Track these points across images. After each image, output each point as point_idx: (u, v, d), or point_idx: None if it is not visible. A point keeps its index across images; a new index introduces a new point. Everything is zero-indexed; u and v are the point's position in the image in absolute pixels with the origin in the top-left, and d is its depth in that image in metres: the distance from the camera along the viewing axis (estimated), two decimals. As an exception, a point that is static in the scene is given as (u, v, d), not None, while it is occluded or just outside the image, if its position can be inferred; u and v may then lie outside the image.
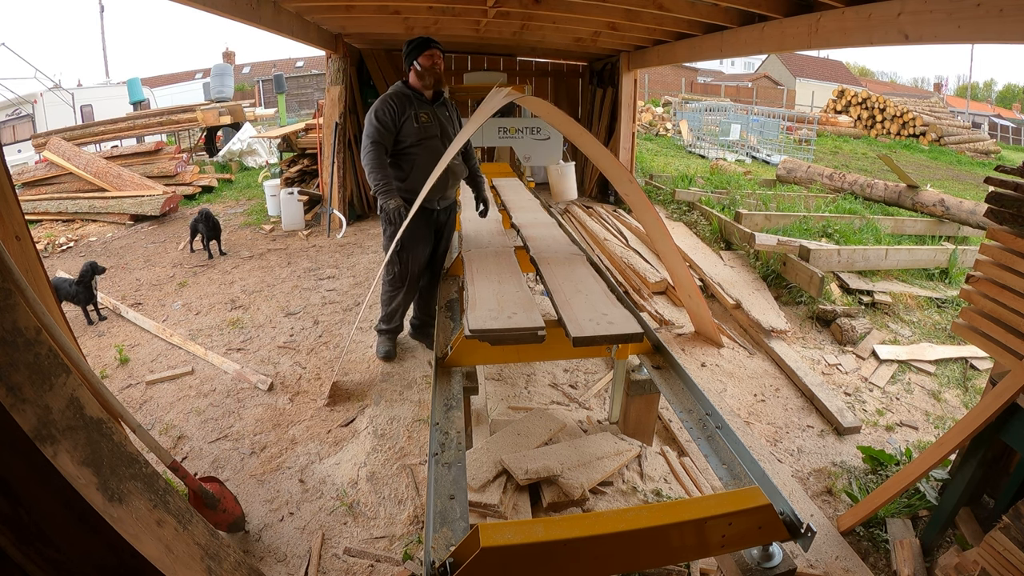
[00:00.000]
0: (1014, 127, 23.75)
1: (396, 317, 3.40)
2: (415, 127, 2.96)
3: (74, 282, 4.08)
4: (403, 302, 3.32)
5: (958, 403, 3.29)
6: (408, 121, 2.95)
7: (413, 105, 2.97)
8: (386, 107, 2.93)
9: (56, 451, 1.10)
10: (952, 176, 11.73)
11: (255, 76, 28.09)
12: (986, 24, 2.40)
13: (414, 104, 2.98)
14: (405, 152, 3.00)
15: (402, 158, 3.02)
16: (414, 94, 3.01)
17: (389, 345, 3.47)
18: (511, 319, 1.70)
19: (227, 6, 3.58)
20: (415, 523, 2.23)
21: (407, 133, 2.96)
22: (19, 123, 12.59)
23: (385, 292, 3.32)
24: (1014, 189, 2.07)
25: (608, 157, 2.97)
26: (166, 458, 1.92)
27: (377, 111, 2.92)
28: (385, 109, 2.93)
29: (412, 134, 2.96)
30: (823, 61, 35.34)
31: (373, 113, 2.92)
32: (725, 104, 16.43)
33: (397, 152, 3.00)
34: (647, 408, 2.39)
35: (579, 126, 2.79)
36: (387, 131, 2.92)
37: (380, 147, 2.91)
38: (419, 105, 2.99)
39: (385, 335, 3.46)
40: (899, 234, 5.63)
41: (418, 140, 2.96)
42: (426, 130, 2.98)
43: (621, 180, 3.12)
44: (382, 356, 3.45)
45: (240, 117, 11.84)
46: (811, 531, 1.29)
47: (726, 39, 4.60)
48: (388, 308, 3.34)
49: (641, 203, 3.16)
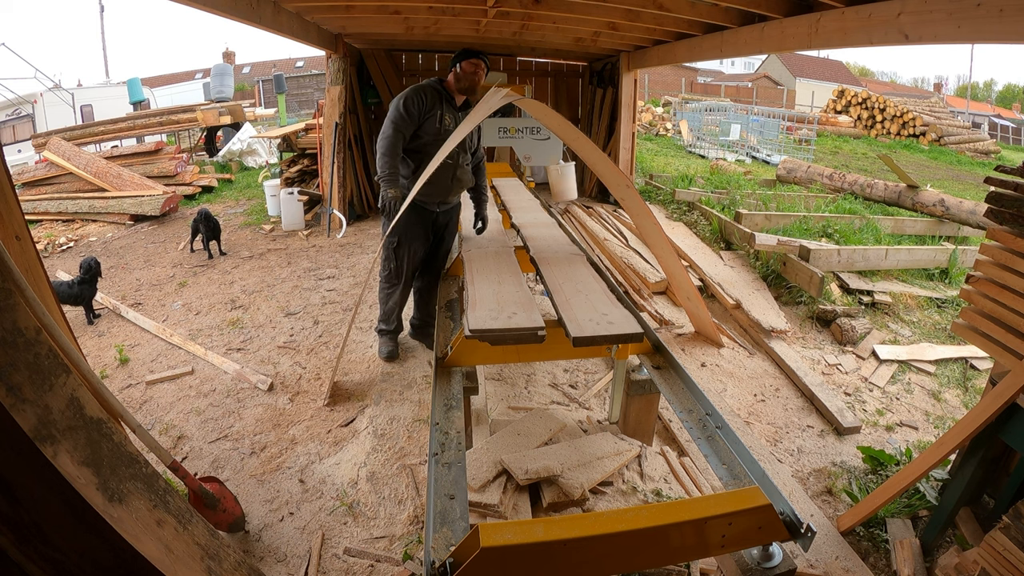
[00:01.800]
0: (1014, 127, 23.76)
1: (393, 317, 3.40)
2: (436, 127, 2.97)
3: (76, 281, 4.07)
4: (399, 300, 3.33)
5: (958, 403, 3.29)
6: (431, 119, 2.96)
7: (441, 104, 2.98)
8: (416, 98, 2.92)
9: (56, 451, 1.10)
10: (952, 176, 11.73)
11: (255, 76, 28.09)
12: (986, 24, 2.40)
13: (442, 104, 2.99)
14: (419, 148, 3.00)
15: (414, 154, 3.01)
16: (446, 94, 3.02)
17: (391, 345, 3.47)
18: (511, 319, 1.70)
19: (227, 6, 3.58)
20: (415, 523, 2.23)
21: (427, 130, 2.96)
22: (19, 123, 12.59)
23: (382, 290, 3.32)
24: (1014, 189, 2.07)
25: (605, 162, 2.95)
26: (166, 458, 1.92)
27: (407, 99, 2.92)
28: (414, 99, 2.92)
29: (431, 132, 2.97)
30: (823, 61, 35.35)
31: (402, 100, 2.92)
32: (725, 104, 16.42)
33: (412, 147, 3.00)
34: (647, 408, 2.39)
35: (576, 130, 2.77)
36: (411, 121, 2.92)
37: (399, 135, 2.91)
38: (447, 107, 3.01)
39: (386, 336, 3.46)
40: (899, 234, 5.63)
41: (434, 139, 2.96)
42: (446, 133, 2.98)
43: (618, 185, 3.09)
44: (384, 357, 3.45)
45: (240, 117, 11.83)
46: (811, 531, 1.29)
47: (726, 39, 4.60)
48: (385, 307, 3.35)
49: (639, 209, 3.14)
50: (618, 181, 3.09)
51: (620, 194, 3.14)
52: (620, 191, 3.11)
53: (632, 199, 3.12)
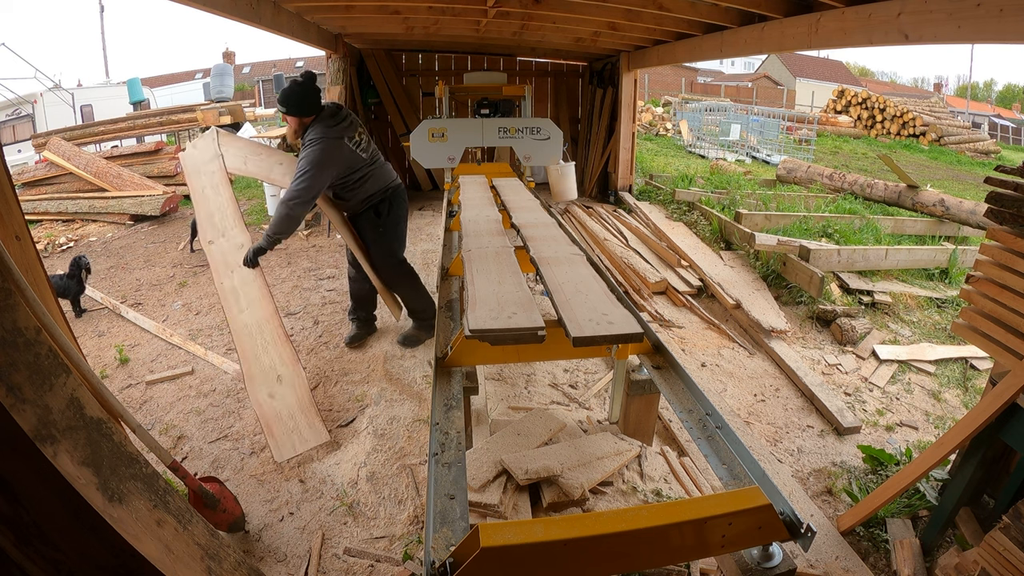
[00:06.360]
0: (1014, 127, 23.76)
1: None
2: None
3: (63, 276, 4.22)
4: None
5: (958, 403, 3.29)
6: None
7: None
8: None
9: (56, 451, 1.10)
10: (952, 176, 11.73)
11: (255, 76, 28.08)
12: (986, 24, 2.41)
13: None
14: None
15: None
16: None
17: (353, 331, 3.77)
18: (511, 319, 1.69)
19: (227, 6, 3.58)
20: (415, 523, 2.23)
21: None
22: (19, 123, 12.59)
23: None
24: (1014, 189, 2.07)
25: None
26: (166, 458, 1.92)
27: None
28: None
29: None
30: (823, 61, 35.34)
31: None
32: (725, 104, 16.41)
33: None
34: (647, 408, 2.38)
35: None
36: None
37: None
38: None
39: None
40: (899, 234, 5.63)
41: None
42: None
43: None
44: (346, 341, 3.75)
45: (240, 117, 11.82)
46: (811, 531, 1.29)
47: (726, 39, 4.60)
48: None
49: None
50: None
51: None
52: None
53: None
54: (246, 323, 2.96)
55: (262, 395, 2.79)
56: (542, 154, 4.57)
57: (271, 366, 2.87)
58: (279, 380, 2.84)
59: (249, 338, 2.92)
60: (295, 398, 2.81)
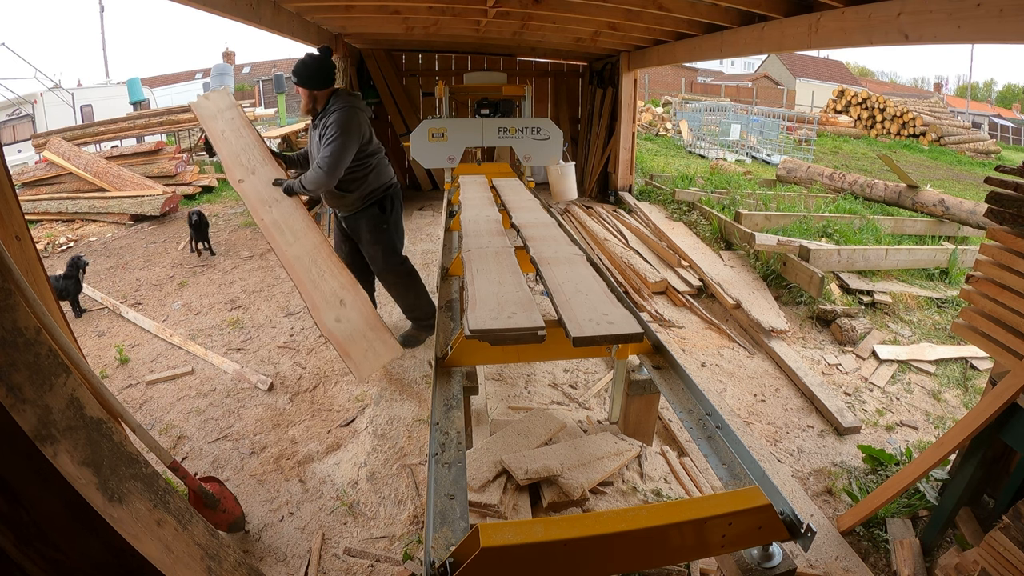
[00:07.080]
0: (1014, 127, 23.76)
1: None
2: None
3: (60, 277, 4.22)
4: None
5: (958, 403, 3.29)
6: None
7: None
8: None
9: (56, 451, 1.10)
10: (952, 176, 11.74)
11: (255, 76, 28.08)
12: (986, 24, 2.41)
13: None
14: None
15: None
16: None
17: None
18: (511, 319, 1.69)
19: (227, 6, 3.58)
20: (415, 523, 2.23)
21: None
22: (19, 123, 12.59)
23: None
24: (1014, 189, 2.07)
25: None
26: (166, 458, 1.92)
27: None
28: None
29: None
30: (823, 61, 35.34)
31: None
32: (725, 104, 16.42)
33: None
34: (647, 408, 2.38)
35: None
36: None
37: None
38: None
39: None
40: (899, 234, 5.63)
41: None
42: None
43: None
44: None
45: (240, 117, 11.82)
46: (811, 531, 1.29)
47: (726, 39, 4.60)
48: None
49: None
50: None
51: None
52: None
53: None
54: (298, 255, 2.96)
55: (330, 322, 2.83)
56: (542, 154, 4.57)
57: (332, 292, 2.90)
58: (342, 304, 2.88)
59: (304, 269, 2.93)
60: (362, 318, 2.87)
